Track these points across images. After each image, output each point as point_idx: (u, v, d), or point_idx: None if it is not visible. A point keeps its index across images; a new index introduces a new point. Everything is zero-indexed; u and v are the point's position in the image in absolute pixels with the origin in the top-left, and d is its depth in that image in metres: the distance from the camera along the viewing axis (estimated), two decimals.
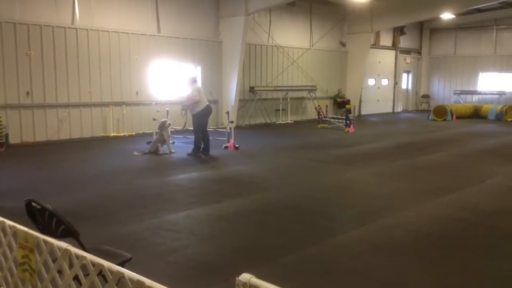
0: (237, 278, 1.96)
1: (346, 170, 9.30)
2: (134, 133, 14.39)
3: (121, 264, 2.87)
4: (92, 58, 13.63)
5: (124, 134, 14.16)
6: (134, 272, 1.91)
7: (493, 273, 4.25)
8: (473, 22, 25.56)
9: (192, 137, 11.05)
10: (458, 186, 7.71)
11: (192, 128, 11.04)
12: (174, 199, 6.78)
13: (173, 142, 12.32)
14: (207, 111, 10.68)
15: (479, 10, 24.35)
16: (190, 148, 11.05)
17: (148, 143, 12.38)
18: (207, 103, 10.72)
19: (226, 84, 17.15)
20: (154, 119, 12.50)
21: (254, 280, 1.92)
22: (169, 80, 15.88)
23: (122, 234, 5.21)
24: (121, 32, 14.21)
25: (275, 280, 4.39)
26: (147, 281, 1.88)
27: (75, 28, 13.21)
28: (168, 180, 8.10)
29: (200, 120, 10.66)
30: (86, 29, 13.42)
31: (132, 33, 14.48)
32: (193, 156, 10.61)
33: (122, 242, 4.83)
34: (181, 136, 13.32)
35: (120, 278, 1.95)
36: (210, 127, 15.64)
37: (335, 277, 4.14)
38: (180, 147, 12.04)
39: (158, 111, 12.95)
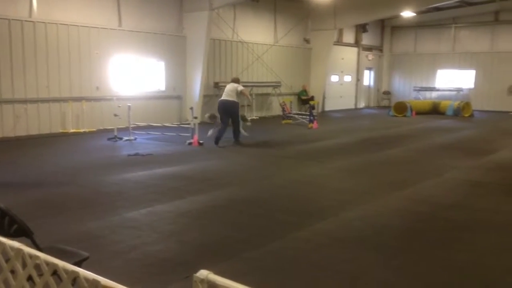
0: (194, 275, 1.94)
1: (309, 165, 9.40)
2: (94, 129, 14.06)
3: (78, 263, 2.80)
4: (51, 52, 13.20)
5: (84, 130, 13.82)
6: (92, 271, 1.87)
7: (448, 264, 4.40)
8: (433, 21, 26.31)
9: (154, 134, 11.06)
10: (416, 180, 7.94)
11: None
12: (135, 196, 6.68)
13: (135, 139, 12.15)
14: (219, 105, 12.03)
15: (438, 9, 25.09)
16: (152, 144, 10.95)
17: (110, 139, 12.16)
18: (222, 98, 11.93)
19: (190, 80, 17.01)
20: (115, 115, 12.28)
21: (212, 276, 1.92)
22: (131, 75, 15.61)
23: (80, 232, 5.08)
24: (81, 26, 13.84)
25: (237, 275, 4.38)
26: (102, 280, 1.85)
27: (33, 22, 12.76)
28: (129, 177, 7.96)
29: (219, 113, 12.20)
30: (44, 23, 12.98)
31: (92, 27, 14.12)
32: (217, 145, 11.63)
33: (80, 240, 4.72)
34: (144, 133, 13.14)
35: (76, 277, 1.91)
36: (174, 123, 15.65)
37: (296, 271, 4.18)
38: (143, 143, 11.87)
39: (119, 106, 12.70)
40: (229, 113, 11.71)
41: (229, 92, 11.75)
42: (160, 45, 16.17)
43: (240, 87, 11.88)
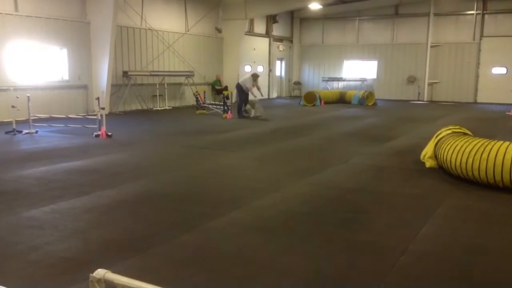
0: (90, 274, 1.86)
1: (222, 155, 9.42)
2: None
3: None
4: None
5: None
6: None
7: (350, 245, 4.64)
8: (338, 13, 27.45)
9: (57, 126, 10.45)
10: (324, 166, 8.27)
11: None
12: (35, 194, 6.24)
13: (36, 131, 11.39)
14: (236, 87, 16.61)
15: (343, 2, 26.21)
16: (55, 137, 10.36)
17: (7, 133, 11.33)
18: (238, 81, 16.81)
19: (96, 68, 16.22)
20: (13, 107, 11.38)
21: (109, 275, 1.84)
22: (31, 63, 14.55)
23: None
24: None
25: (145, 271, 4.26)
26: None
27: None
28: (29, 173, 7.43)
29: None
30: None
31: None
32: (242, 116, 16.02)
33: None
34: (46, 125, 12.34)
35: None
36: (80, 114, 14.95)
37: (207, 262, 4.17)
38: (45, 136, 11.15)
39: (17, 97, 11.77)
40: (239, 92, 16.38)
41: (243, 77, 16.57)
42: (62, 31, 15.23)
43: (249, 82, 16.07)
